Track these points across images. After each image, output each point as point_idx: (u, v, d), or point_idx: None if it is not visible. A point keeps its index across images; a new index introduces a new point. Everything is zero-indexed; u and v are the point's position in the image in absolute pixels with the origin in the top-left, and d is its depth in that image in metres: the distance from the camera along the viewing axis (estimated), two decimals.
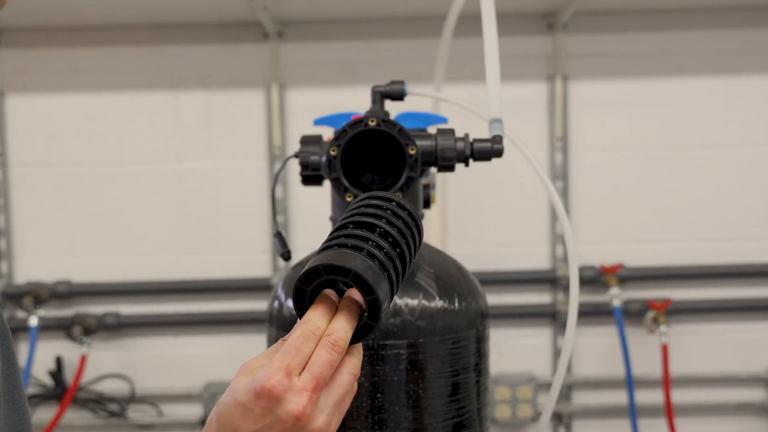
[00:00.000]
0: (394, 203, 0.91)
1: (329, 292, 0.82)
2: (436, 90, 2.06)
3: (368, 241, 0.85)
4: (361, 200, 0.92)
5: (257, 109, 2.66)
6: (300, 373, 0.77)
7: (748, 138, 2.65)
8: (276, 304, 1.39)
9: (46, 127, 2.66)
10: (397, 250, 0.87)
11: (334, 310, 0.81)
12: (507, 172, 2.61)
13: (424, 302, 1.29)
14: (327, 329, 0.79)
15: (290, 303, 1.36)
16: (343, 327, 0.79)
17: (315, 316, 0.80)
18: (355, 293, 0.82)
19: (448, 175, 2.49)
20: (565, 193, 2.64)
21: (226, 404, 0.78)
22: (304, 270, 0.81)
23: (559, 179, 2.63)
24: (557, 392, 1.32)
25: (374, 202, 0.91)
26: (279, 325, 1.37)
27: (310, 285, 0.82)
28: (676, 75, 2.65)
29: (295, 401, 0.76)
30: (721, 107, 2.64)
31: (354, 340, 0.82)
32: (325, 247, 0.84)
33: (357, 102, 2.56)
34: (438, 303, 1.30)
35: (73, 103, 2.66)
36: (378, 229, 0.86)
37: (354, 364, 0.81)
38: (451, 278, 1.35)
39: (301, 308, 0.83)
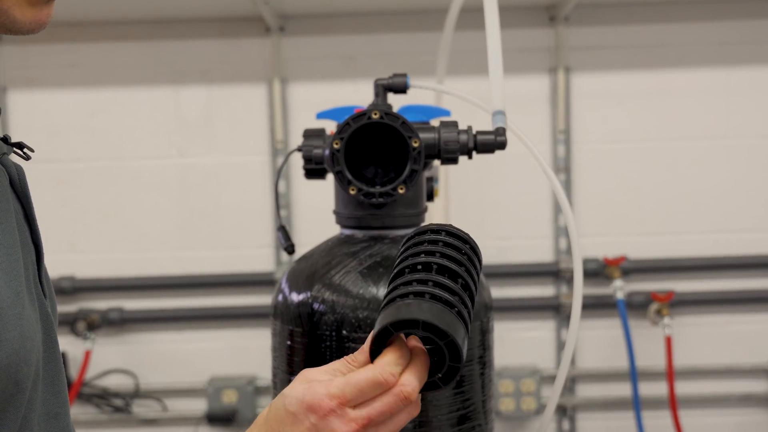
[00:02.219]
0: (443, 233, 0.89)
1: (402, 337, 0.83)
2: (439, 83, 2.06)
3: (427, 282, 0.83)
4: (410, 239, 0.90)
5: (259, 104, 2.66)
6: (355, 406, 0.79)
7: (749, 130, 2.65)
8: (280, 297, 1.40)
9: (48, 123, 2.66)
10: (460, 281, 0.85)
11: (408, 357, 0.82)
12: (509, 165, 2.60)
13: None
14: (401, 380, 0.80)
15: (294, 296, 1.36)
16: (415, 381, 0.80)
17: (389, 364, 0.80)
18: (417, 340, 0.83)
19: (450, 168, 2.49)
20: (567, 186, 2.64)
21: (278, 408, 0.82)
22: (374, 332, 0.81)
23: (561, 172, 2.63)
24: (562, 384, 1.32)
25: (425, 237, 0.88)
26: (283, 319, 1.37)
27: (384, 344, 0.82)
28: (677, 67, 2.64)
29: (342, 429, 0.79)
30: (722, 99, 2.64)
31: (444, 382, 0.83)
32: (388, 302, 0.83)
33: (359, 96, 2.56)
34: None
35: (75, 99, 2.66)
36: (434, 266, 0.85)
37: (411, 414, 0.82)
38: None
39: (374, 355, 0.82)
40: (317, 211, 2.59)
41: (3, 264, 0.77)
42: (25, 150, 0.89)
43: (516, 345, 2.68)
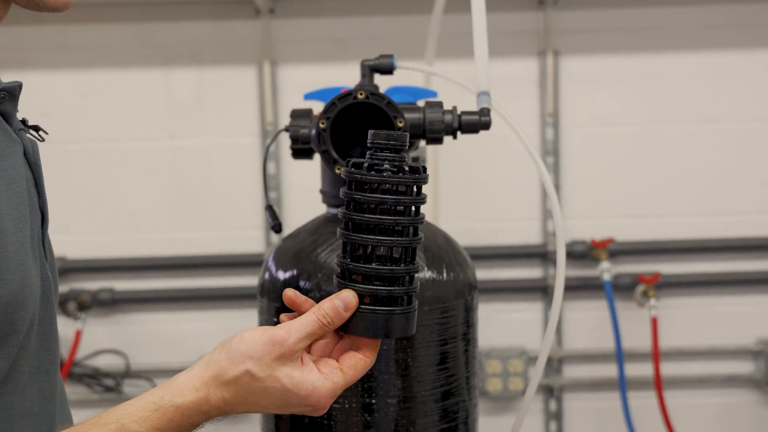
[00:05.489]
0: (354, 186, 0.92)
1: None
2: (428, 65, 2.07)
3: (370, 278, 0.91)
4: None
5: (249, 86, 2.66)
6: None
7: (737, 113, 2.66)
8: (267, 275, 1.41)
9: (38, 105, 2.66)
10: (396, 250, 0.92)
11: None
12: (499, 148, 2.62)
13: None
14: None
15: (281, 274, 1.38)
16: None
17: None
18: None
19: (440, 150, 2.50)
20: (556, 169, 2.65)
21: (262, 389, 0.88)
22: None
23: (550, 155, 2.64)
24: (544, 362, 1.34)
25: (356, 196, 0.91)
26: (270, 297, 1.39)
27: None
28: (666, 50, 2.66)
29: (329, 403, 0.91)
30: (711, 82, 2.65)
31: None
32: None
33: (349, 78, 2.56)
34: (426, 273, 1.32)
35: (66, 81, 2.66)
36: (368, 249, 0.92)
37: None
38: (440, 249, 1.37)
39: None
40: (307, 192, 2.60)
41: (12, 215, 0.85)
42: (41, 132, 1.00)
43: (504, 326, 2.70)
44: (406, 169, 0.91)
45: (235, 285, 2.68)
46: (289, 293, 0.94)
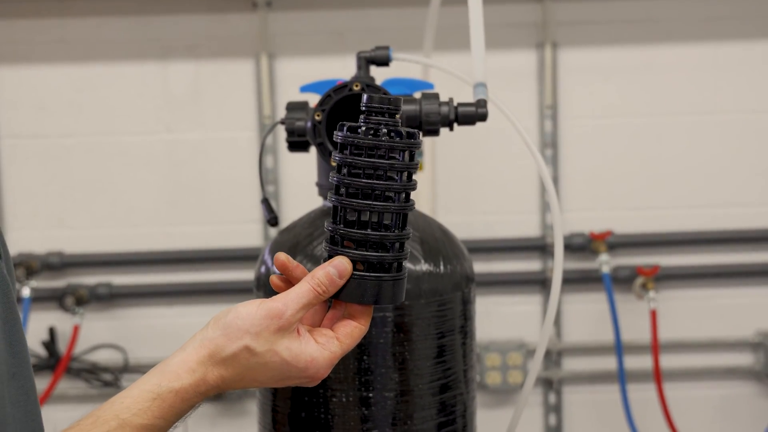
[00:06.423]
0: (350, 149, 0.91)
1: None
2: (426, 58, 2.06)
3: (364, 244, 0.91)
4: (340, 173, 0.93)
5: (247, 79, 2.65)
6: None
7: (737, 105, 2.65)
8: (263, 269, 1.41)
9: (35, 99, 2.65)
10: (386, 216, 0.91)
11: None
12: (497, 140, 2.61)
13: (410, 265, 1.30)
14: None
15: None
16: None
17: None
18: None
19: (438, 143, 2.49)
20: (554, 161, 2.65)
21: (261, 364, 0.88)
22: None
23: (548, 147, 2.64)
24: (542, 354, 1.34)
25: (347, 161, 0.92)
26: (266, 291, 1.38)
27: None
28: (665, 42, 2.65)
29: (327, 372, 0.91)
30: (710, 74, 2.65)
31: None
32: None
33: (346, 71, 2.55)
34: (423, 266, 1.31)
35: (63, 75, 2.65)
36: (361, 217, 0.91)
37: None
38: (437, 242, 1.36)
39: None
40: (305, 186, 2.59)
41: None
42: None
43: (503, 319, 2.69)
44: (403, 133, 0.90)
45: (233, 279, 2.67)
46: (282, 257, 0.93)
